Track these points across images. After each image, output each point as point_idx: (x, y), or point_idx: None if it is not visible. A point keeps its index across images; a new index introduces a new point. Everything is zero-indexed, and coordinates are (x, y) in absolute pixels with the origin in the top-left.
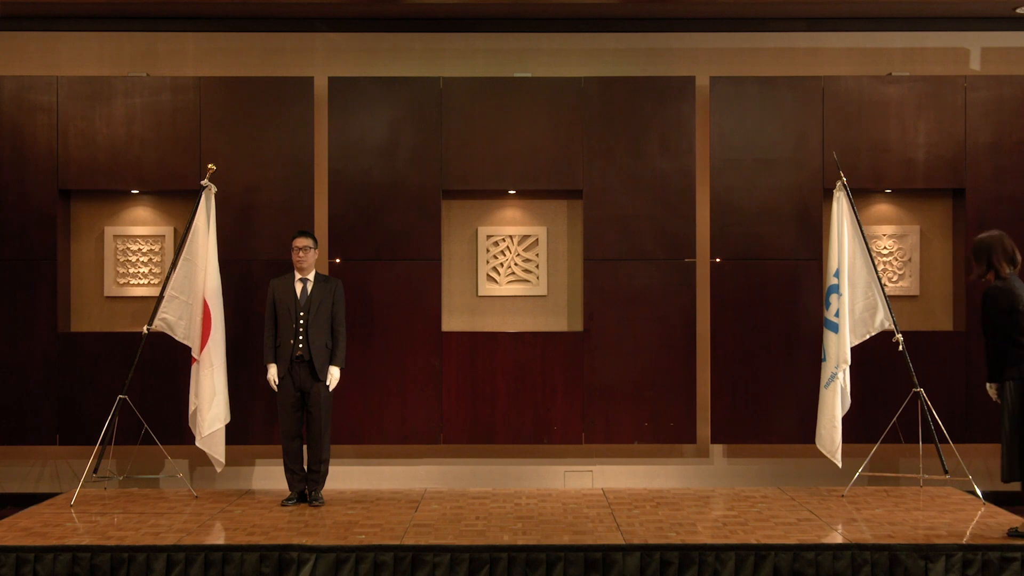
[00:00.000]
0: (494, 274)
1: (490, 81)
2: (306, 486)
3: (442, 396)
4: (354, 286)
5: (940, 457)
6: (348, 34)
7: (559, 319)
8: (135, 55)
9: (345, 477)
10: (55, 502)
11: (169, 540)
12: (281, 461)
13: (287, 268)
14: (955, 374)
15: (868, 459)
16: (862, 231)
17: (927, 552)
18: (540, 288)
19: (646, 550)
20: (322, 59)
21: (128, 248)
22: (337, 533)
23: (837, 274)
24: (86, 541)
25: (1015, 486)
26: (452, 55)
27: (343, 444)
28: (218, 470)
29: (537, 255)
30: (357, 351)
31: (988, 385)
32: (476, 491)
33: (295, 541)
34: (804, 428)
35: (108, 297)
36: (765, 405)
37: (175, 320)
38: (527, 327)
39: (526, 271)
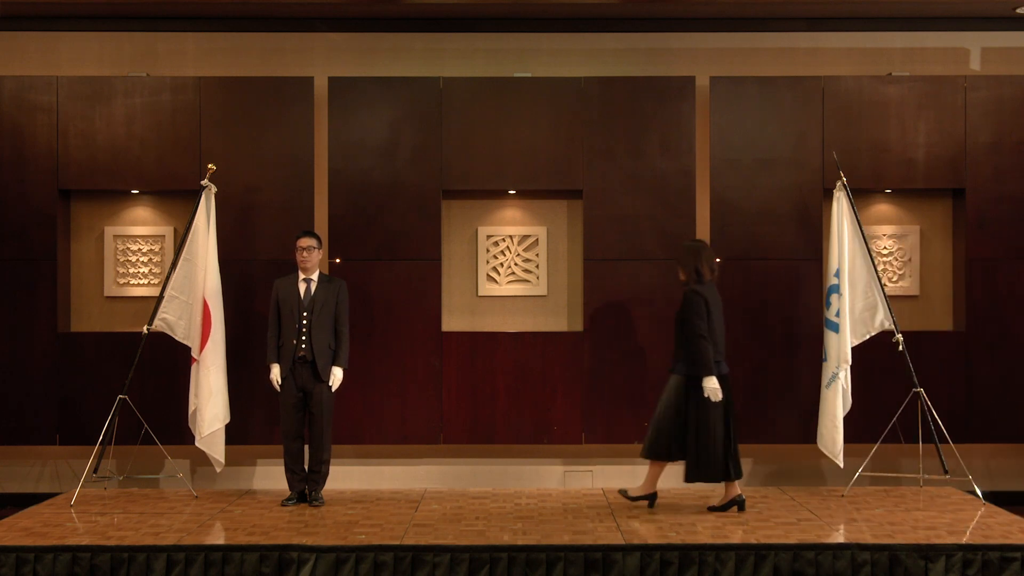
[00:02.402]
0: (494, 274)
1: (490, 81)
2: (306, 486)
3: (442, 396)
4: (354, 286)
5: (940, 457)
6: (348, 34)
7: (559, 319)
8: (135, 55)
9: (345, 477)
10: (55, 502)
11: (169, 540)
12: (281, 461)
13: (287, 268)
14: (955, 374)
15: (868, 459)
16: (862, 231)
17: (927, 552)
18: (540, 288)
19: (646, 550)
20: (322, 59)
21: (128, 248)
22: (337, 533)
23: (837, 274)
24: (86, 541)
25: (1016, 484)
26: (452, 55)
27: (343, 444)
28: (218, 470)
29: (537, 255)
30: (357, 351)
31: (708, 378)
32: (476, 491)
33: (295, 541)
34: (804, 428)
35: (108, 297)
36: (765, 405)
37: (175, 320)
38: (527, 327)
39: (526, 271)
